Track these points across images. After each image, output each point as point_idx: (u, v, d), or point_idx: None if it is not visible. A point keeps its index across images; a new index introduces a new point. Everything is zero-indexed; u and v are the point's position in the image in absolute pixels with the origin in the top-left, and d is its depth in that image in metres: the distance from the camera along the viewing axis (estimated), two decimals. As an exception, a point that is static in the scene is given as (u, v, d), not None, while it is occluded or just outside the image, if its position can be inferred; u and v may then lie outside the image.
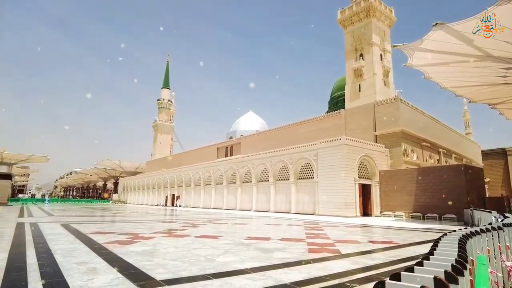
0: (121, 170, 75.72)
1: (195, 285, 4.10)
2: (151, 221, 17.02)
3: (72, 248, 6.97)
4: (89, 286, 3.93)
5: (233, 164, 36.47)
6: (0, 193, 35.30)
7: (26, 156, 65.66)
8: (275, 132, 40.36)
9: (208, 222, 16.43)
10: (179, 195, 46.61)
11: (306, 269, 5.22)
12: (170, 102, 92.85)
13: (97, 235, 9.50)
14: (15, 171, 72.10)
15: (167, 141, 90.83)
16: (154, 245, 7.71)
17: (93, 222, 15.10)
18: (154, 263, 5.42)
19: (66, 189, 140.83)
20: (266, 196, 31.28)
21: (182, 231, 11.17)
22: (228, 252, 6.72)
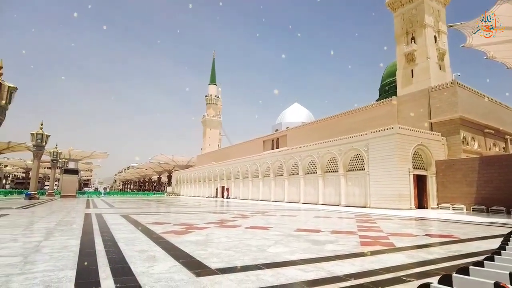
0: (174, 164, 79.41)
1: (248, 274, 4.21)
2: (203, 212, 17.69)
3: (133, 237, 7.48)
4: (150, 273, 4.21)
5: (280, 156, 36.52)
6: (70, 187, 38.84)
7: (89, 153, 71.62)
8: (322, 123, 39.61)
9: (257, 213, 16.68)
10: (228, 187, 47.86)
11: (359, 262, 5.11)
12: (217, 98, 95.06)
13: (154, 225, 10.11)
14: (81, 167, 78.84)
15: (216, 136, 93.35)
16: (207, 235, 8.03)
17: (150, 214, 16.08)
18: (208, 252, 5.66)
19: (124, 182, 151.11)
20: (314, 188, 30.94)
21: (233, 222, 11.49)
22: (278, 243, 6.79)
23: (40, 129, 30.27)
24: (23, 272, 4.12)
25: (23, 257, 5.02)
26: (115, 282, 3.73)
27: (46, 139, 30.79)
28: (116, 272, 4.21)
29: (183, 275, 4.12)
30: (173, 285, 3.64)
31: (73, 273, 4.09)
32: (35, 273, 4.10)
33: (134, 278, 3.91)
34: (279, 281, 3.91)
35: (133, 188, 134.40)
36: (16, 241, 6.57)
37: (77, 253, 5.46)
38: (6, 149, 59.17)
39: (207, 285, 3.68)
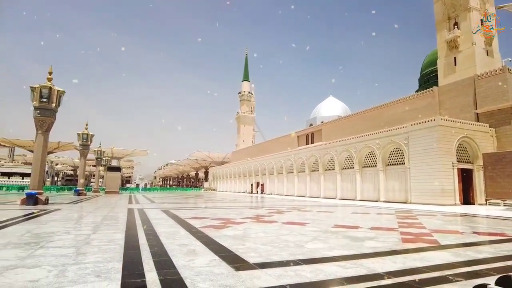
0: (210, 160, 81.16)
1: (287, 269, 4.22)
2: (239, 207, 17.93)
3: (173, 231, 7.75)
4: (191, 266, 4.34)
5: (315, 151, 36.07)
6: (113, 183, 40.93)
7: (130, 151, 75.12)
8: (359, 116, 38.49)
9: (293, 209, 16.63)
10: (263, 183, 48.10)
11: (401, 259, 4.94)
12: (250, 94, 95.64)
13: (193, 220, 10.41)
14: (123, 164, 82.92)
15: (249, 132, 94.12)
16: (244, 230, 8.14)
17: (189, 208, 16.56)
18: (246, 247, 5.73)
19: (164, 179, 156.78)
20: (351, 184, 30.28)
21: (269, 217, 11.54)
22: (316, 239, 6.74)
23: (85, 129, 32.16)
24: (76, 262, 4.42)
25: (76, 249, 5.39)
26: (158, 274, 3.89)
27: (91, 138, 32.67)
28: (159, 264, 4.40)
29: (222, 269, 4.21)
30: (213, 279, 3.73)
31: (119, 265, 4.33)
32: (87, 263, 4.39)
33: (176, 271, 4.06)
34: (318, 277, 3.88)
35: (172, 184, 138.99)
36: (69, 234, 7.05)
37: (122, 246, 5.76)
38: (56, 149, 63.54)
39: (246, 279, 3.74)
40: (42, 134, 16.76)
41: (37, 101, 16.45)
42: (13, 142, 65.04)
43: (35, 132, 16.89)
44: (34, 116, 16.60)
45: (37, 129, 16.75)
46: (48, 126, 16.92)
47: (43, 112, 16.63)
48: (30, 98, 16.58)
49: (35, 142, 17.28)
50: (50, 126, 17.06)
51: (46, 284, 3.45)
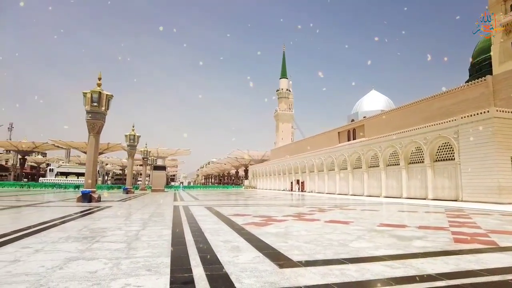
0: (250, 159, 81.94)
1: (331, 268, 4.16)
2: (280, 205, 17.94)
3: (217, 228, 7.94)
4: (235, 262, 4.43)
5: (357, 148, 35.06)
6: (159, 181, 42.80)
7: (174, 150, 78.10)
8: (404, 110, 36.73)
9: (335, 207, 16.32)
10: (303, 180, 47.67)
11: (453, 261, 4.67)
12: (289, 91, 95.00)
13: (235, 217, 10.59)
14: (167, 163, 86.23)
15: (288, 129, 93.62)
16: (286, 227, 8.13)
17: (230, 206, 16.86)
18: (289, 245, 5.73)
19: (206, 177, 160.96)
20: (396, 181, 29.07)
21: (311, 215, 11.43)
22: (360, 238, 6.56)
23: (132, 131, 33.90)
24: (128, 257, 4.69)
25: (127, 244, 5.71)
26: (205, 269, 4.01)
27: (138, 139, 34.40)
28: (205, 260, 4.53)
29: (266, 266, 4.25)
30: (258, 275, 3.77)
31: (168, 260, 4.52)
32: (138, 258, 4.64)
33: (221, 267, 4.16)
34: (365, 277, 3.78)
35: (214, 182, 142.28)
36: (120, 230, 7.49)
37: (169, 241, 6.01)
38: (106, 150, 67.73)
39: (291, 277, 3.74)
40: (94, 136, 17.92)
41: (89, 105, 17.60)
42: (69, 144, 70.31)
43: (87, 135, 18.10)
44: (86, 120, 17.78)
45: (89, 131, 17.94)
46: (99, 129, 18.05)
47: (94, 116, 17.76)
48: (83, 103, 17.78)
49: (87, 144, 18.54)
50: (100, 128, 18.19)
51: (103, 275, 3.70)
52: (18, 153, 77.01)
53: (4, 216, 10.53)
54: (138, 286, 3.34)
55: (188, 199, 22.84)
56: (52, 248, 5.23)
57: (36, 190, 38.10)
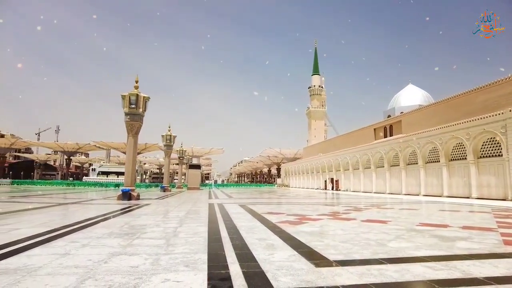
0: (282, 157, 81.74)
1: (369, 268, 4.06)
2: (314, 203, 17.74)
3: (252, 225, 8.00)
4: (271, 260, 4.44)
5: (395, 144, 33.87)
6: (195, 180, 43.88)
7: (208, 149, 79.72)
8: (444, 105, 34.82)
9: (371, 206, 15.88)
10: (337, 179, 46.83)
11: (504, 264, 4.38)
12: (321, 88, 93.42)
13: (269, 215, 10.61)
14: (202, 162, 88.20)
15: (321, 127, 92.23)
16: (321, 226, 8.03)
17: (264, 204, 16.92)
18: (325, 244, 5.65)
19: (239, 175, 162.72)
20: (437, 179, 27.77)
21: (347, 215, 11.20)
22: (399, 238, 6.34)
23: (168, 131, 34.97)
24: (167, 253, 4.85)
25: (166, 240, 5.91)
26: (241, 266, 4.06)
27: (174, 139, 35.44)
28: (241, 257, 4.58)
29: (302, 264, 4.22)
30: (294, 273, 3.76)
31: (205, 257, 4.62)
32: (176, 254, 4.78)
33: (257, 264, 4.19)
34: (405, 278, 3.65)
35: (247, 180, 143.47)
36: (159, 227, 7.76)
37: (206, 238, 6.14)
38: (144, 150, 70.45)
39: (327, 276, 3.69)
40: (132, 137, 18.68)
41: (127, 107, 18.37)
42: (109, 144, 73.97)
43: (126, 135, 18.90)
44: (125, 121, 18.57)
45: (128, 132, 18.72)
46: (137, 130, 18.79)
47: (132, 117, 18.51)
48: (121, 105, 18.58)
49: (126, 144, 19.37)
50: (138, 129, 18.93)
51: (144, 270, 3.86)
52: (64, 154, 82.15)
53: (54, 212, 11.28)
54: (177, 282, 3.44)
55: (222, 197, 23.21)
56: (97, 243, 5.53)
57: (80, 188, 40.44)
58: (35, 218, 9.13)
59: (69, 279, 3.48)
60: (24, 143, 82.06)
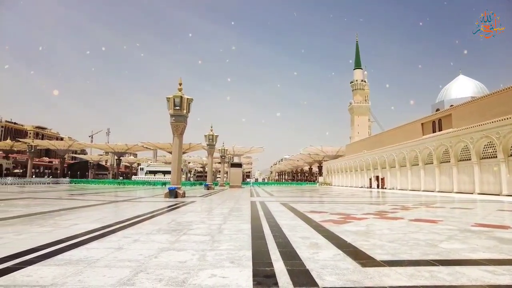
0: (324, 154, 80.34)
1: (420, 269, 3.88)
2: (358, 202, 17.27)
3: (294, 224, 7.98)
4: (315, 259, 4.40)
5: (444, 140, 31.92)
6: (236, 178, 44.63)
7: (248, 148, 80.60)
8: (501, 95, 32.06)
9: (420, 205, 15.12)
10: (383, 177, 45.13)
11: None
12: (364, 82, 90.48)
13: (312, 213, 10.50)
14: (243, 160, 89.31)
15: (365, 123, 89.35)
16: (367, 226, 7.80)
17: (306, 202, 16.78)
18: (371, 243, 5.49)
19: (279, 173, 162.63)
20: (493, 176, 25.76)
21: (394, 214, 10.77)
22: (452, 239, 5.98)
23: (210, 131, 35.88)
24: (212, 249, 5.00)
25: (211, 237, 6.09)
26: (285, 264, 4.07)
27: (216, 138, 36.29)
28: (284, 255, 4.60)
29: (347, 264, 4.14)
30: (339, 273, 3.70)
31: (249, 253, 4.70)
32: (221, 250, 4.91)
33: (301, 263, 4.18)
34: (460, 281, 3.44)
35: (287, 178, 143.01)
36: (204, 223, 8.01)
37: (249, 236, 6.24)
38: (188, 149, 72.93)
39: (374, 276, 3.59)
40: (177, 137, 19.41)
41: (172, 109, 19.11)
42: (156, 145, 77.54)
43: (172, 136, 19.67)
44: (171, 122, 19.33)
45: (173, 133, 19.47)
46: (181, 130, 19.49)
47: (177, 119, 19.22)
48: (167, 107, 19.37)
49: (172, 144, 20.16)
50: (183, 130, 19.62)
51: (192, 266, 4.01)
52: (114, 155, 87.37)
53: (107, 209, 12.07)
54: (223, 277, 3.54)
55: (263, 195, 23.36)
56: (147, 239, 5.84)
57: (129, 187, 42.81)
58: (91, 215, 9.85)
59: (123, 271, 3.72)
60: (79, 145, 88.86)
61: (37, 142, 75.97)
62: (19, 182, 45.88)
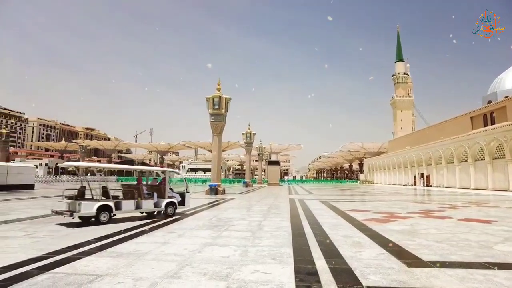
0: (364, 151, 77.90)
1: (472, 272, 3.67)
2: (402, 200, 16.61)
3: (335, 222, 7.86)
4: (358, 258, 4.32)
5: (498, 134, 29.63)
6: (274, 176, 44.70)
7: (285, 146, 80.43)
8: None
9: (470, 204, 14.22)
10: (428, 174, 42.92)
11: None
12: (406, 75, 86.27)
13: (353, 212, 10.27)
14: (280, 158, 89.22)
15: (408, 117, 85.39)
16: (412, 225, 7.49)
17: (347, 201, 16.42)
18: (417, 243, 5.28)
19: (317, 171, 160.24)
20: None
21: (440, 213, 10.23)
22: (509, 241, 5.58)
23: (248, 129, 36.23)
24: (254, 245, 5.08)
25: (252, 233, 6.18)
26: (327, 262, 4.04)
27: (253, 136, 36.61)
28: (326, 253, 4.56)
29: (392, 263, 4.02)
30: (384, 272, 3.61)
31: (290, 251, 4.71)
32: (263, 246, 4.98)
33: (344, 261, 4.12)
34: (519, 286, 3.21)
35: (326, 176, 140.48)
36: (244, 220, 8.15)
37: (290, 233, 6.25)
38: (227, 147, 74.13)
39: (422, 277, 3.45)
40: (217, 136, 19.84)
41: (211, 108, 19.55)
42: (196, 144, 79.72)
43: (211, 135, 20.13)
44: (210, 122, 19.80)
45: (213, 132, 19.93)
46: (220, 129, 19.89)
47: (216, 118, 19.64)
48: (206, 107, 19.84)
49: (211, 143, 20.64)
50: (222, 129, 20.02)
51: (234, 261, 4.11)
52: (157, 153, 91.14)
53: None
54: (265, 273, 3.59)
55: (302, 193, 23.19)
56: (191, 234, 6.06)
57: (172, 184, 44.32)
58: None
59: (170, 265, 3.90)
60: (125, 144, 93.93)
61: (87, 143, 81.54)
62: (72, 180, 49.34)
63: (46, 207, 10.46)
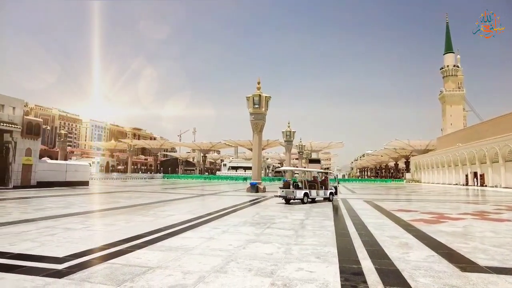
0: (411, 149, 74.27)
1: (536, 280, 3.40)
2: (453, 201, 15.66)
3: (381, 222, 7.62)
4: (406, 259, 4.17)
5: None
6: (314, 174, 44.08)
7: (326, 143, 79.07)
8: None
9: (534, 205, 13.05)
10: (482, 173, 39.98)
11: None
12: (457, 68, 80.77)
13: (399, 212, 9.88)
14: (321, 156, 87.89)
15: (459, 112, 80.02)
16: (464, 227, 7.07)
17: (392, 200, 15.81)
18: (471, 247, 4.97)
19: (361, 170, 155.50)
20: None
21: (498, 215, 9.52)
22: None
23: (288, 127, 36.10)
24: (297, 243, 5.09)
25: (294, 231, 6.19)
26: (373, 263, 3.95)
27: (293, 134, 36.41)
28: (372, 254, 4.45)
29: (443, 266, 3.84)
30: (435, 276, 3.46)
31: (334, 250, 4.66)
32: (306, 245, 4.97)
33: (391, 262, 4.00)
34: None
35: (370, 175, 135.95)
36: (286, 218, 8.17)
37: (333, 232, 6.18)
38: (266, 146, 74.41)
39: (478, 283, 3.26)
40: (257, 134, 20.02)
41: (251, 107, 19.76)
42: (236, 142, 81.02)
43: (252, 133, 20.35)
44: (250, 120, 20.02)
45: (253, 130, 20.14)
46: (261, 128, 20.05)
47: (256, 116, 19.82)
48: (247, 106, 20.09)
49: (252, 141, 20.87)
50: (262, 127, 20.17)
51: (278, 258, 4.16)
52: (200, 152, 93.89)
53: (196, 202, 13.11)
54: (310, 272, 3.60)
55: (345, 192, 22.67)
56: (234, 230, 6.20)
57: (214, 182, 45.52)
58: (183, 207, 10.81)
59: (216, 260, 4.04)
60: (170, 143, 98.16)
61: (135, 142, 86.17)
62: (122, 177, 52.33)
63: (102, 203, 11.21)
